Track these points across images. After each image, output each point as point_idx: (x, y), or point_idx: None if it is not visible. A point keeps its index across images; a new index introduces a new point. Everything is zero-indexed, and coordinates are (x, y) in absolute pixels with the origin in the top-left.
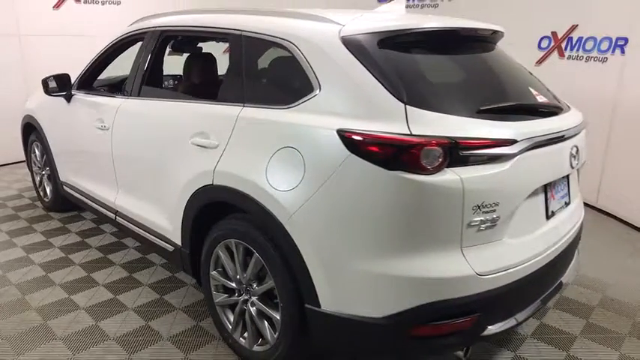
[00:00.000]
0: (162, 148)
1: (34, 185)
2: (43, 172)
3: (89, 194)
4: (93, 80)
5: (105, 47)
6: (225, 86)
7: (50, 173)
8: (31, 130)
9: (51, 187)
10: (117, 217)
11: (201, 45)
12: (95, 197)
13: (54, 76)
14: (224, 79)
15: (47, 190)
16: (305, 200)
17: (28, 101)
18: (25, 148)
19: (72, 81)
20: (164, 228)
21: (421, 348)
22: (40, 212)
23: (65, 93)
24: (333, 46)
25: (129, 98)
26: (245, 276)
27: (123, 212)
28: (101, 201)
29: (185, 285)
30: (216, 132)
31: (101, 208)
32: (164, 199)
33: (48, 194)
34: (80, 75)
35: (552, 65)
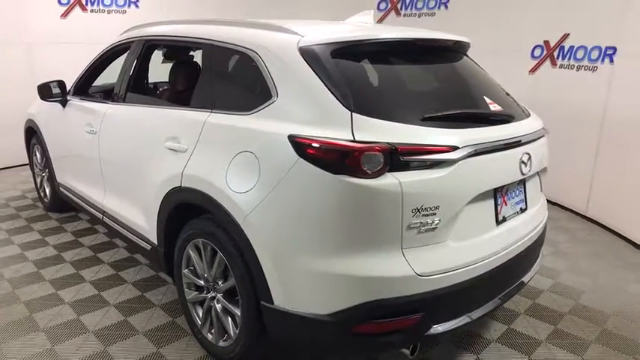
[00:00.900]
0: (141, 152)
1: (36, 186)
2: (44, 174)
3: (81, 195)
4: (87, 86)
5: (97, 55)
6: (196, 93)
7: (49, 175)
8: (33, 134)
9: (50, 189)
10: (104, 218)
11: (192, 53)
12: (86, 199)
13: (49, 83)
14: (196, 86)
15: (47, 191)
16: (259, 202)
17: (31, 106)
18: (28, 151)
19: (67, 87)
20: (143, 227)
21: (365, 345)
22: (40, 212)
23: (60, 99)
24: (291, 56)
25: (115, 104)
26: (211, 274)
27: (109, 213)
28: (91, 202)
29: (167, 284)
30: (186, 136)
31: (91, 209)
32: (142, 200)
33: (47, 195)
34: (75, 81)
35: (545, 74)
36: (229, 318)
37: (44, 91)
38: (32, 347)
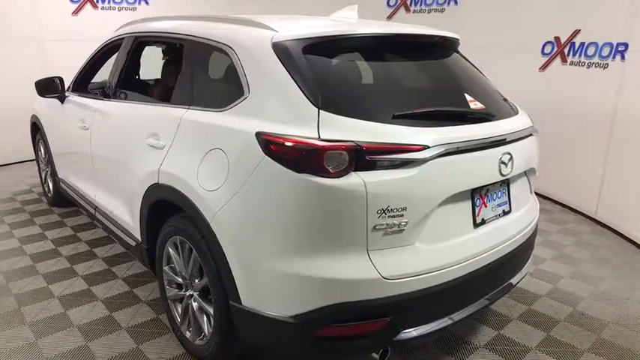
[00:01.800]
0: (125, 147)
1: (41, 181)
2: (47, 169)
3: (77, 191)
4: (84, 82)
5: (94, 51)
6: (177, 89)
7: (51, 170)
8: (37, 130)
9: (52, 183)
10: (96, 213)
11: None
12: (81, 194)
13: (47, 79)
14: (177, 82)
15: (50, 186)
16: (227, 200)
17: (35, 102)
18: (34, 146)
19: (65, 84)
20: (128, 224)
21: (330, 349)
22: (44, 207)
23: (58, 95)
24: (264, 52)
25: (106, 100)
26: (188, 272)
27: (100, 208)
28: (85, 197)
29: (156, 280)
30: (164, 133)
31: (85, 205)
32: (127, 196)
33: (51, 190)
34: (74, 78)
35: (555, 71)
36: (204, 317)
37: (42, 87)
38: (16, 340)
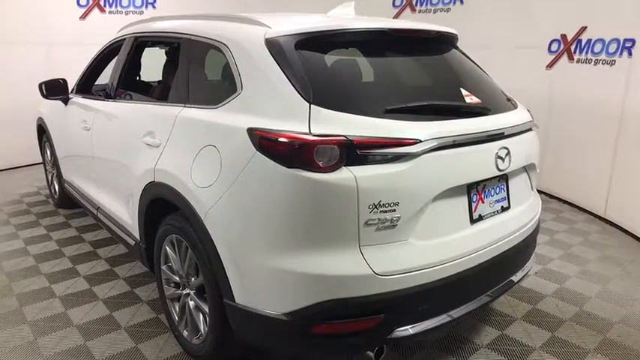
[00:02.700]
0: (124, 147)
1: (47, 183)
2: (53, 171)
3: (81, 192)
4: (88, 84)
5: (97, 53)
6: (173, 88)
7: (57, 172)
8: (43, 132)
9: (58, 185)
10: (98, 213)
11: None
12: (84, 195)
13: (50, 81)
14: (173, 81)
15: (56, 188)
16: (219, 197)
17: (41, 105)
18: (41, 149)
19: (68, 85)
20: (127, 223)
21: (324, 347)
22: (50, 208)
23: (61, 97)
24: (257, 48)
25: (107, 101)
26: (184, 270)
27: (102, 208)
28: (88, 198)
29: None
30: (160, 131)
31: (88, 205)
32: (126, 195)
33: (57, 191)
34: (77, 80)
35: (562, 69)
36: (200, 315)
37: (46, 89)
38: (15, 339)
